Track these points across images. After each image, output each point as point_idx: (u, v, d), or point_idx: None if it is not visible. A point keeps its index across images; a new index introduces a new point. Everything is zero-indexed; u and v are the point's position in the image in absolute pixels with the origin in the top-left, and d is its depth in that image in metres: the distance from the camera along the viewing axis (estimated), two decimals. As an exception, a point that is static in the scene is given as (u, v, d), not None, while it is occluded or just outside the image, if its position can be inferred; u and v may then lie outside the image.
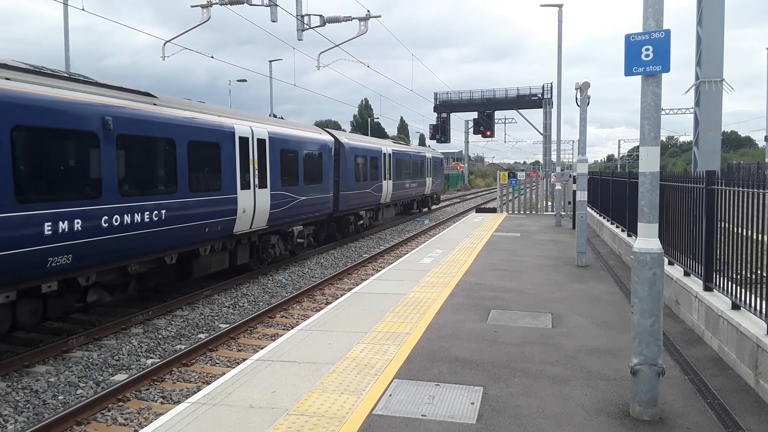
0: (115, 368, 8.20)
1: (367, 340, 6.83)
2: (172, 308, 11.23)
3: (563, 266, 11.91)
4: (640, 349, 4.71)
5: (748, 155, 62.70)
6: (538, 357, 6.24)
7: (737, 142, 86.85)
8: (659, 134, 4.71)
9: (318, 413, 4.85)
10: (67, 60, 19.56)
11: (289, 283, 14.03)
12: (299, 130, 17.36)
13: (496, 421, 4.69)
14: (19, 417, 6.63)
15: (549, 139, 38.56)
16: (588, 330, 7.27)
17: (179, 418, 4.82)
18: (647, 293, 4.68)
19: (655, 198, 4.71)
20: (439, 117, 47.36)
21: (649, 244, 4.70)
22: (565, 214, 22.34)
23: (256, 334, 9.89)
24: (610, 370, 5.82)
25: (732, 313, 5.92)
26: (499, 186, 27.69)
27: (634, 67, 4.63)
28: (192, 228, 11.50)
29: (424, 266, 11.84)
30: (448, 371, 5.83)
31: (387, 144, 27.28)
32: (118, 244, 9.58)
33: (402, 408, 4.96)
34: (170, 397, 7.16)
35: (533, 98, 45.96)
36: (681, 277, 7.84)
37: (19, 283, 8.15)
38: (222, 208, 12.46)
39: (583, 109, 11.84)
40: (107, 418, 6.58)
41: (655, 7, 4.55)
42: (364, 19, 19.42)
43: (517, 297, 9.08)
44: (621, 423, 4.65)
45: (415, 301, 8.75)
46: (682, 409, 4.91)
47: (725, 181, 6.42)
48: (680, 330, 7.26)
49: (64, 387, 7.47)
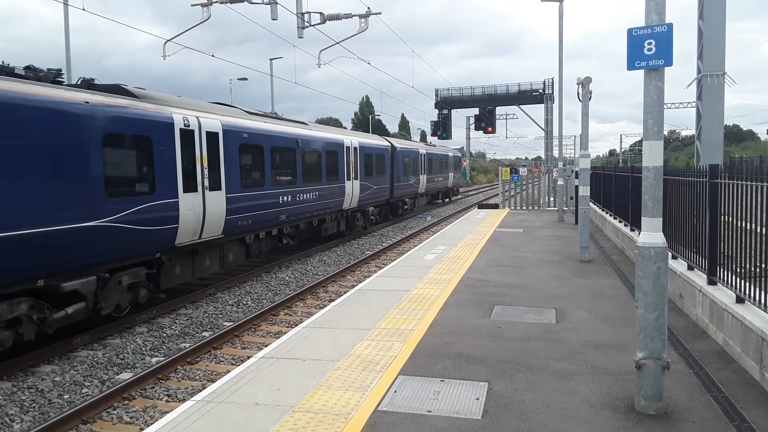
0: (120, 367, 8.22)
1: (371, 337, 6.84)
2: (176, 307, 11.26)
3: (566, 261, 11.91)
4: (644, 344, 4.71)
5: (751, 149, 62.56)
6: (542, 352, 6.25)
7: (739, 136, 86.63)
8: (662, 128, 4.70)
9: (323, 410, 4.86)
10: (68, 60, 19.55)
11: (293, 280, 14.04)
12: (372, 140, 23.64)
13: (502, 417, 4.70)
14: (25, 416, 6.65)
15: (551, 135, 38.46)
16: (592, 325, 7.27)
17: (185, 416, 4.84)
18: (651, 287, 4.68)
19: (659, 192, 4.70)
20: (440, 113, 47.27)
21: (653, 238, 4.70)
22: (568, 209, 22.30)
23: (260, 331, 9.91)
24: (615, 365, 5.82)
25: (736, 307, 5.91)
26: (501, 182, 27.67)
27: (637, 61, 4.62)
28: (326, 204, 18.00)
29: (427, 263, 11.84)
30: (452, 367, 5.83)
31: (422, 146, 33.34)
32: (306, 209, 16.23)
33: (407, 404, 4.97)
34: (175, 396, 7.18)
35: (534, 94, 45.80)
36: (685, 271, 7.83)
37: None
38: (340, 194, 19.27)
39: (585, 104, 11.82)
40: (113, 416, 6.60)
41: (657, 1, 4.54)
42: (364, 16, 19.40)
43: (520, 293, 9.08)
44: (626, 417, 4.65)
45: (418, 298, 8.75)
46: (688, 403, 4.91)
47: (728, 174, 6.41)
48: (684, 324, 7.25)
49: (69, 386, 7.49)
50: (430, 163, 33.64)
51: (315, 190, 17.37)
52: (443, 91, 48.77)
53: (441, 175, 37.02)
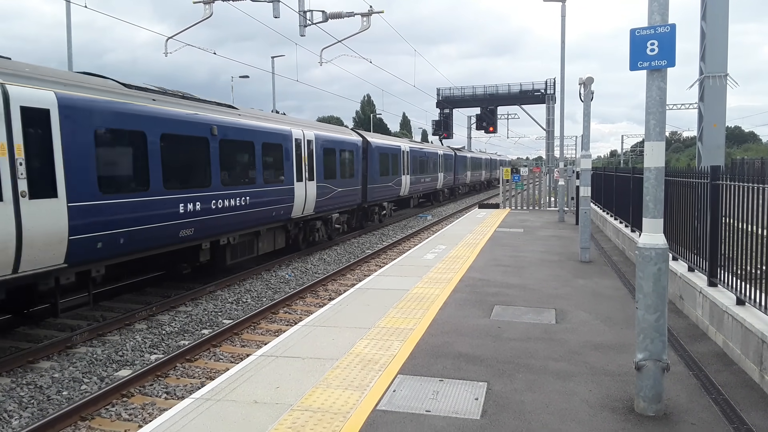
0: (119, 364, 8.22)
1: (371, 336, 6.83)
2: (176, 304, 11.25)
3: (566, 262, 11.89)
4: (644, 345, 4.70)
5: (752, 150, 62.53)
6: (542, 353, 6.24)
7: (740, 138, 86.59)
8: (664, 129, 4.69)
9: (322, 408, 4.85)
10: (70, 57, 19.52)
11: (292, 279, 14.04)
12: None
13: (501, 417, 4.69)
14: (24, 412, 6.65)
15: (552, 135, 38.43)
16: (592, 325, 7.26)
17: (183, 413, 4.83)
18: (652, 289, 4.66)
19: (661, 193, 4.69)
20: (442, 113, 47.29)
21: (654, 239, 4.69)
22: (568, 209, 22.28)
23: (259, 329, 9.90)
24: (614, 366, 5.81)
25: (737, 309, 5.90)
26: (501, 182, 27.65)
27: (639, 62, 4.60)
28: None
29: (427, 262, 11.83)
30: (452, 367, 5.83)
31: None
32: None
33: (406, 403, 4.96)
34: (174, 393, 7.17)
35: (536, 94, 45.82)
36: (685, 273, 7.82)
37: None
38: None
39: (586, 105, 11.80)
40: (111, 413, 6.60)
41: (660, 2, 4.52)
42: (366, 14, 19.37)
43: (520, 293, 9.07)
44: (625, 418, 4.64)
45: (418, 297, 8.75)
46: (687, 404, 4.91)
47: (730, 176, 6.40)
48: (684, 325, 7.24)
49: (68, 383, 7.49)
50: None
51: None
52: (445, 91, 48.80)
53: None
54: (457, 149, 46.01)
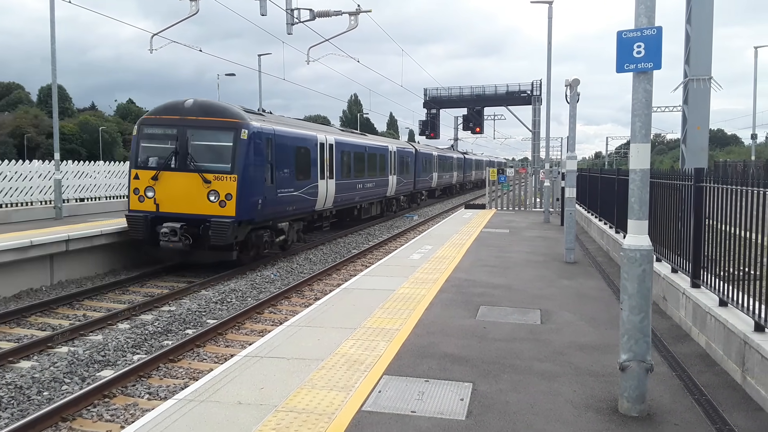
0: (102, 364, 8.11)
1: (357, 336, 6.81)
2: (159, 303, 11.14)
3: (552, 263, 11.95)
4: (629, 346, 4.72)
5: (734, 153, 63.38)
6: (527, 353, 6.25)
7: (723, 140, 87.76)
8: (650, 131, 4.72)
9: (307, 409, 4.82)
10: (53, 53, 19.23)
11: (278, 278, 13.96)
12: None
13: (486, 417, 4.69)
14: (3, 413, 6.54)
15: (538, 136, 38.68)
16: (576, 326, 7.29)
17: (166, 414, 4.77)
18: (636, 290, 4.69)
19: (645, 195, 4.71)
20: (429, 113, 47.41)
21: (638, 240, 4.71)
22: (554, 210, 22.42)
23: (244, 329, 9.83)
24: (599, 366, 5.84)
25: (719, 310, 5.96)
26: (488, 182, 27.75)
27: (626, 64, 4.62)
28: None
29: (413, 262, 11.83)
30: (437, 367, 5.82)
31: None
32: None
33: (391, 404, 4.95)
34: (157, 394, 7.10)
35: (522, 95, 46.06)
36: (669, 274, 7.88)
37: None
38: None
39: (572, 106, 11.87)
40: (93, 414, 6.51)
41: (647, 4, 4.54)
42: (354, 13, 19.34)
43: (506, 293, 9.10)
44: (609, 419, 4.66)
45: (404, 297, 8.74)
46: (670, 405, 4.94)
47: (713, 178, 6.46)
48: (668, 326, 7.30)
49: (49, 383, 7.37)
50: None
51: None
52: (432, 91, 48.88)
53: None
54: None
